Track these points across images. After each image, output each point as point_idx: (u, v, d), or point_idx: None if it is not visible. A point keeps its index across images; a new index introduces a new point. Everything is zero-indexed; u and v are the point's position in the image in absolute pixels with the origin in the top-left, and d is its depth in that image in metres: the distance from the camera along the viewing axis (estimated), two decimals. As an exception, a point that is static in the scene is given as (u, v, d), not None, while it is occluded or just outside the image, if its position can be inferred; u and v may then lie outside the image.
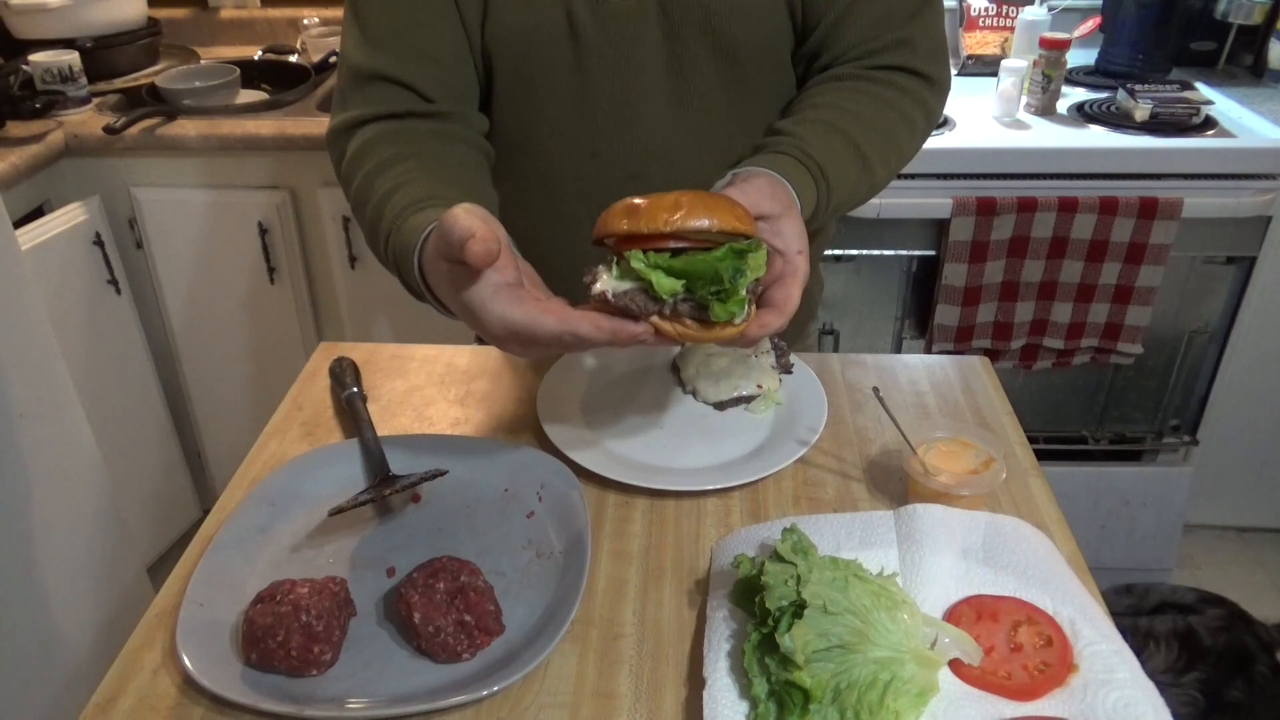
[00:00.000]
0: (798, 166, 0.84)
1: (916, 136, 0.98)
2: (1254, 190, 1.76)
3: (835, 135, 0.89)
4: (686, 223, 0.67)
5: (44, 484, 1.41)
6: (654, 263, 0.68)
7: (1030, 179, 1.77)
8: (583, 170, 1.02)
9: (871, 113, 0.92)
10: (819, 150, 0.86)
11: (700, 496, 0.88)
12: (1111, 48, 2.07)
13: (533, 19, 0.93)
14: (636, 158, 1.01)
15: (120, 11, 2.06)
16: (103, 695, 0.69)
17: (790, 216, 0.77)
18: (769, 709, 0.63)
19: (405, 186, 0.84)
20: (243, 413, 2.11)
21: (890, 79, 0.95)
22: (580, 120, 0.99)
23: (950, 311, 1.85)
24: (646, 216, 0.68)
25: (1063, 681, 0.66)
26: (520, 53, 0.96)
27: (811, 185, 0.85)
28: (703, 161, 1.02)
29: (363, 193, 0.88)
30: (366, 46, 0.95)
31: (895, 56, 0.95)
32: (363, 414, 0.94)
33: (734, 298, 0.68)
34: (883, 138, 0.92)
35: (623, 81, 0.97)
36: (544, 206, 1.04)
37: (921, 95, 0.97)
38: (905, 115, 0.95)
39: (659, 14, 0.93)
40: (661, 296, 0.68)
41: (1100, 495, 2.06)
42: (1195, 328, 1.94)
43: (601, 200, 0.98)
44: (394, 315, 2.02)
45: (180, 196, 1.88)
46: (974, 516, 0.79)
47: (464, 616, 0.70)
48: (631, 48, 0.95)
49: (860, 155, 0.90)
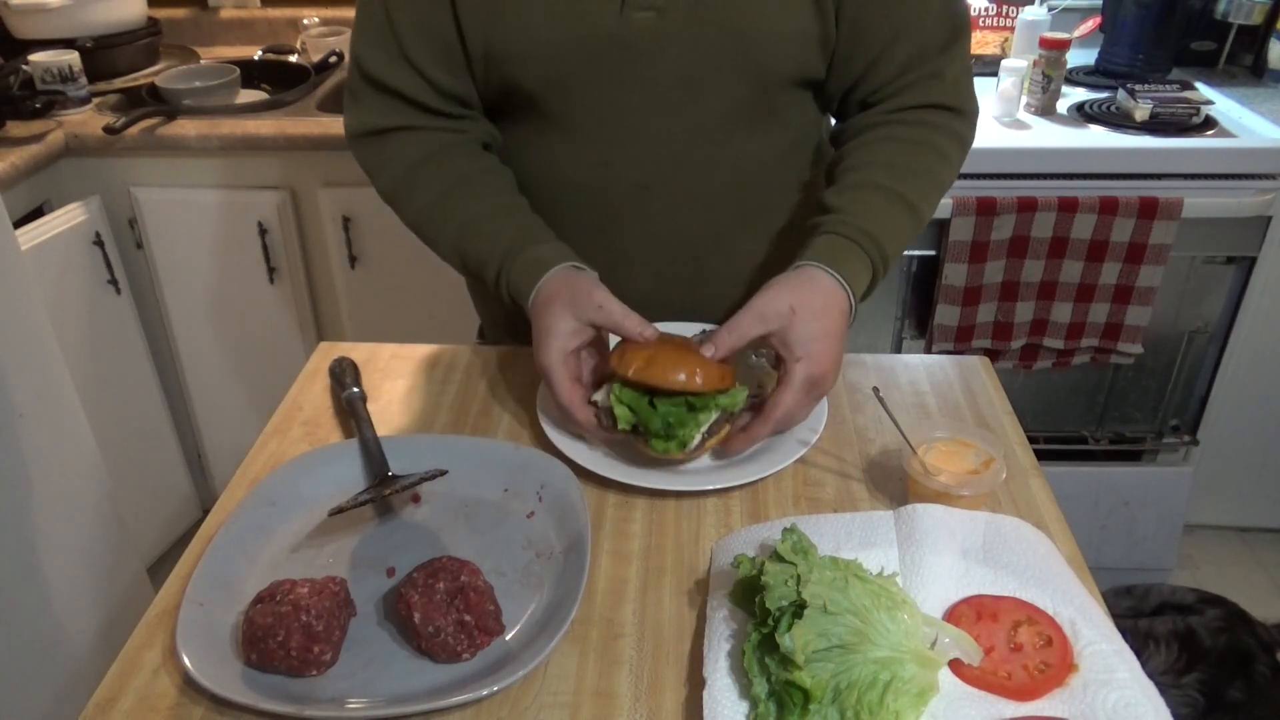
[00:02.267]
0: (847, 244, 0.92)
1: (952, 168, 1.01)
2: (1254, 190, 1.76)
3: (877, 193, 0.95)
4: (642, 376, 0.84)
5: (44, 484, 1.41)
6: (619, 397, 0.86)
7: (1030, 179, 1.76)
8: (594, 179, 1.02)
9: (908, 158, 0.97)
10: (866, 218, 0.93)
11: (700, 496, 0.88)
12: (1111, 48, 2.07)
13: (556, 32, 0.93)
14: (648, 169, 1.01)
15: (120, 11, 2.05)
16: (103, 695, 0.69)
17: (794, 323, 0.86)
18: (769, 709, 0.63)
19: (479, 231, 0.98)
20: (243, 413, 2.11)
21: (920, 118, 0.98)
22: (595, 130, 0.99)
23: (950, 311, 1.85)
24: (624, 359, 0.86)
25: (1063, 681, 0.66)
26: (540, 64, 0.95)
27: (862, 255, 0.92)
28: (713, 174, 1.02)
29: (429, 225, 1.02)
30: (374, 51, 0.99)
31: (927, 92, 0.98)
32: (363, 414, 0.94)
33: (674, 439, 0.84)
34: (923, 179, 0.97)
35: (640, 95, 0.97)
36: (553, 212, 1.03)
37: (953, 128, 0.99)
38: (940, 152, 0.99)
39: (685, 32, 0.93)
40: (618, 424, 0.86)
41: (1100, 495, 2.06)
42: (1195, 328, 1.94)
43: (611, 208, 1.02)
44: (394, 315, 2.02)
45: (180, 196, 1.88)
46: (974, 516, 0.79)
47: (464, 616, 0.70)
48: (652, 63, 0.95)
49: (906, 203, 0.95)
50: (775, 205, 1.08)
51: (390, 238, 1.91)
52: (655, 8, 0.92)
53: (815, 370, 0.86)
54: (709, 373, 0.85)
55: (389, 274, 1.96)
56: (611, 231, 1.05)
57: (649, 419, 0.85)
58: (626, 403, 0.86)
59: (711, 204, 1.04)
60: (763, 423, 0.86)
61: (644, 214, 1.04)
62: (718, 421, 0.88)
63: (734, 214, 1.06)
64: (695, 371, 0.84)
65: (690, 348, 0.88)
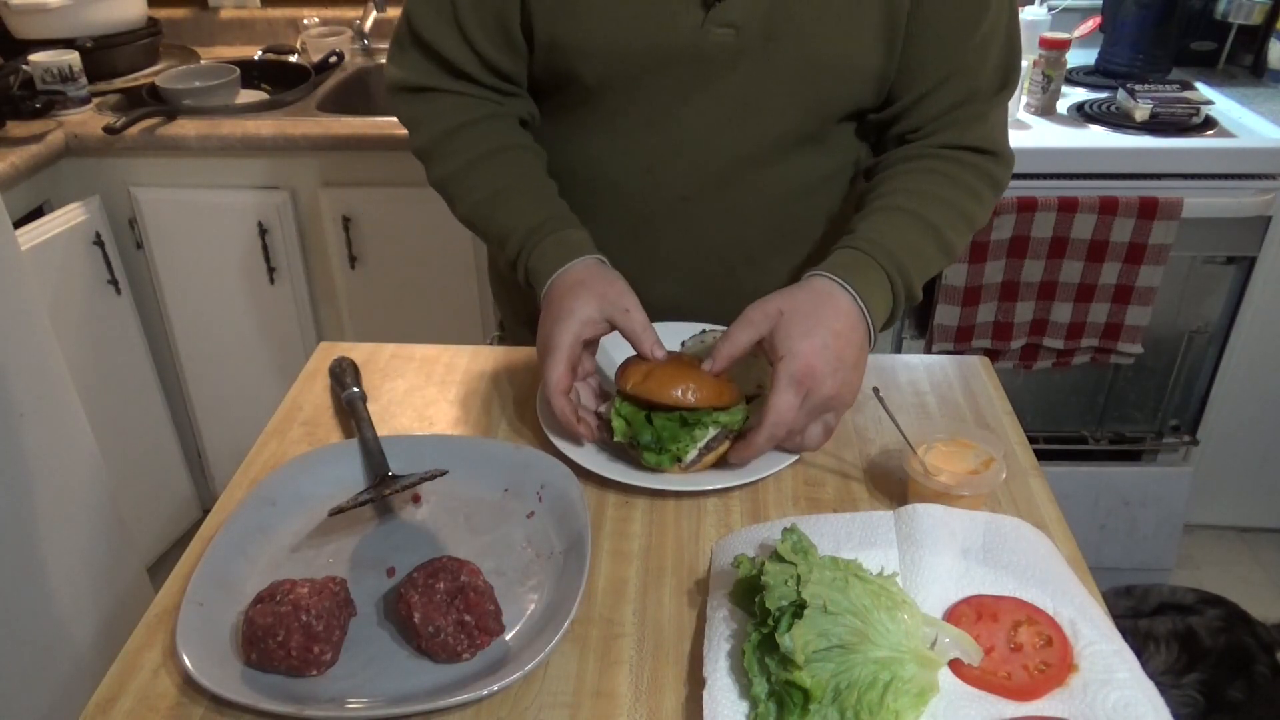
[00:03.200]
0: (862, 258, 0.90)
1: (984, 208, 1.00)
2: (1254, 190, 1.76)
3: (900, 215, 0.94)
4: (639, 390, 0.86)
5: (44, 484, 1.41)
6: (619, 410, 0.88)
7: (1030, 179, 1.76)
8: (635, 183, 1.02)
9: (938, 188, 0.96)
10: (886, 236, 0.92)
11: (700, 496, 0.88)
12: (1111, 48, 2.07)
13: (631, 34, 0.92)
14: (691, 182, 1.01)
15: (120, 11, 2.05)
16: (103, 695, 0.69)
17: (780, 323, 0.84)
18: (769, 709, 0.63)
19: (511, 201, 0.98)
20: (243, 413, 2.11)
21: (957, 157, 0.98)
22: (645, 136, 0.99)
23: (950, 311, 1.85)
24: (626, 374, 0.88)
25: (1063, 681, 0.66)
26: (607, 61, 0.95)
27: (878, 269, 0.90)
28: (754, 193, 1.02)
29: (460, 184, 1.01)
30: (426, 8, 0.98)
31: (967, 134, 0.97)
32: (363, 414, 0.94)
33: (666, 453, 0.86)
34: (951, 210, 0.96)
35: (700, 110, 0.96)
36: (589, 209, 1.02)
37: (988, 169, 0.99)
38: (972, 190, 0.98)
39: (758, 54, 0.92)
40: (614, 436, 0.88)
41: (1100, 495, 2.06)
42: (1195, 328, 1.94)
43: (649, 215, 1.02)
44: (394, 315, 2.02)
45: (180, 196, 1.88)
46: (974, 516, 0.79)
47: (464, 616, 0.70)
48: (720, 80, 0.94)
49: (930, 226, 0.94)
50: (811, 227, 1.08)
51: (390, 238, 1.91)
52: (735, 26, 0.91)
53: (797, 367, 0.81)
54: (704, 390, 0.86)
55: (389, 274, 1.96)
56: (646, 237, 1.05)
57: (641, 431, 0.87)
58: (624, 415, 0.88)
59: (748, 221, 1.04)
60: (758, 431, 0.84)
61: (680, 224, 1.04)
62: (717, 438, 0.88)
63: (770, 233, 1.06)
64: (690, 388, 0.85)
65: (691, 365, 0.89)
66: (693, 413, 0.87)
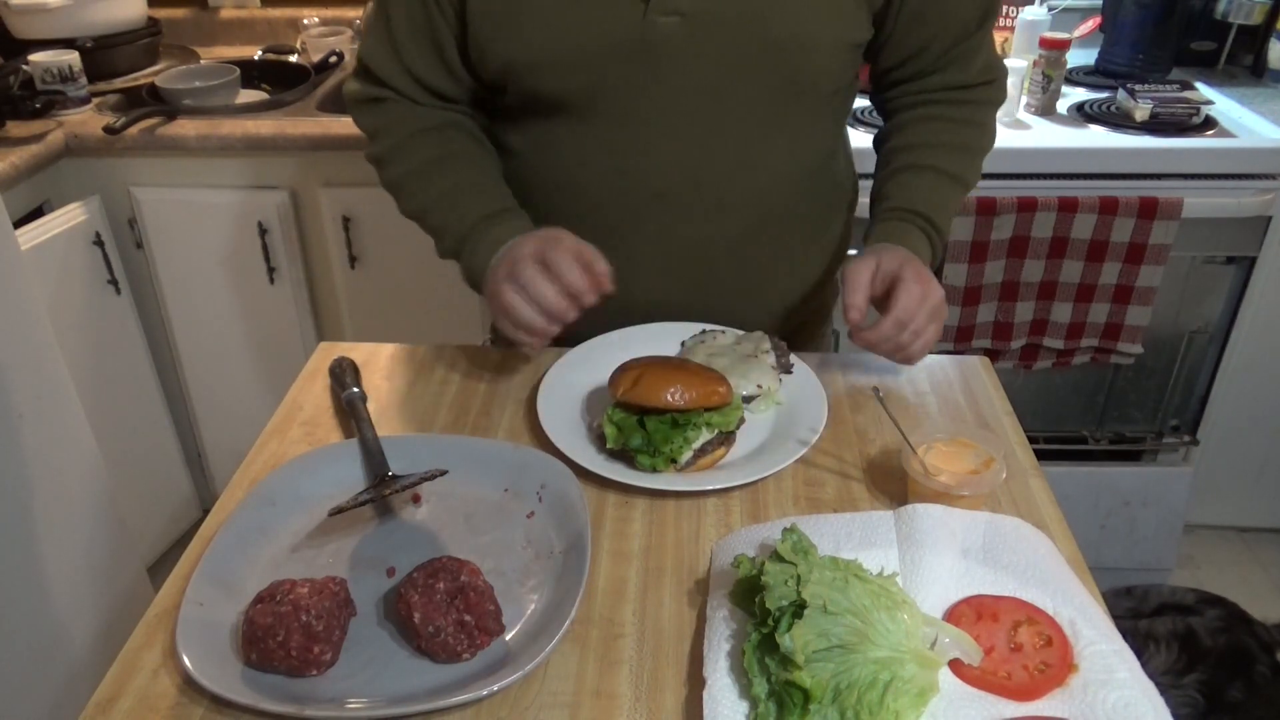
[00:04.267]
0: (905, 226, 1.02)
1: (990, 135, 1.10)
2: (1254, 190, 1.76)
3: (926, 174, 1.04)
4: (629, 396, 0.87)
5: (44, 484, 1.41)
6: (610, 417, 0.89)
7: (1030, 179, 1.76)
8: (607, 184, 1.02)
9: (951, 135, 1.06)
10: (917, 200, 1.03)
11: (700, 496, 0.88)
12: (1111, 48, 2.07)
13: (578, 39, 0.93)
14: (663, 177, 1.01)
15: (120, 11, 2.05)
16: (103, 695, 0.69)
17: (884, 263, 0.96)
18: (769, 709, 0.63)
19: (465, 198, 1.03)
20: (243, 413, 2.11)
21: (961, 97, 1.06)
22: (610, 136, 0.99)
23: (950, 311, 1.85)
24: (616, 382, 0.89)
25: (1063, 681, 0.66)
26: (561, 71, 0.96)
27: (918, 232, 1.02)
28: (730, 185, 1.02)
29: (413, 183, 1.06)
30: (376, 44, 1.03)
31: (965, 71, 1.05)
32: (363, 414, 0.94)
33: (660, 455, 0.87)
34: (965, 154, 1.07)
35: (660, 102, 0.96)
36: (564, 214, 1.03)
37: (989, 96, 1.07)
38: (979, 124, 1.08)
39: (712, 38, 0.92)
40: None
41: (1100, 495, 2.06)
42: (1195, 328, 1.94)
43: (626, 215, 1.03)
44: (394, 315, 2.02)
45: (180, 196, 1.88)
46: (974, 516, 0.79)
47: (464, 616, 0.70)
48: (675, 70, 0.94)
49: (950, 177, 1.05)
50: (790, 217, 1.08)
51: (390, 238, 1.91)
52: (680, 13, 0.91)
53: (913, 272, 0.94)
54: (694, 391, 0.87)
55: (389, 274, 1.96)
56: (624, 236, 1.05)
57: (632, 436, 0.88)
58: (615, 423, 0.89)
59: (726, 214, 1.04)
60: (885, 318, 0.93)
61: (657, 222, 1.04)
62: (713, 441, 0.89)
63: (748, 224, 1.06)
64: (678, 390, 0.87)
65: (680, 367, 0.89)
66: (684, 414, 0.87)
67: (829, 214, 1.14)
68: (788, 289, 1.14)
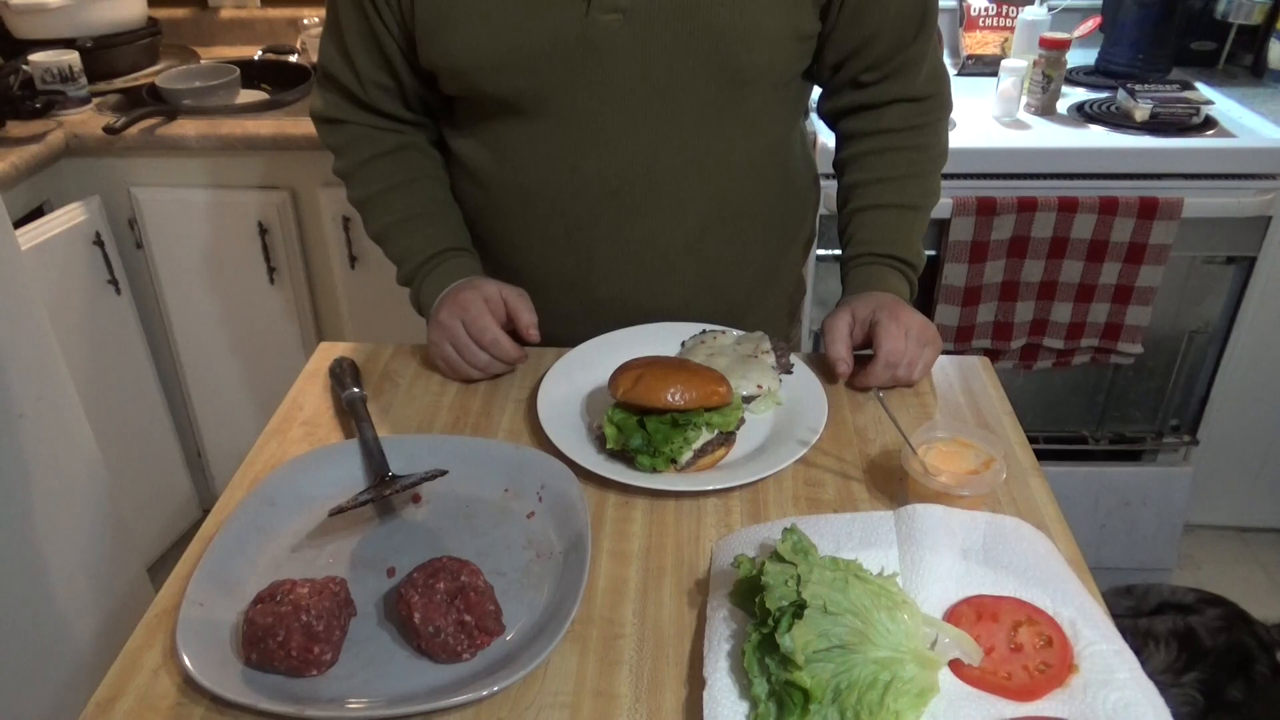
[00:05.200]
0: (881, 269, 1.06)
1: (942, 147, 1.11)
2: (1254, 190, 1.76)
3: (888, 212, 1.08)
4: (629, 396, 0.87)
5: (44, 484, 1.41)
6: (610, 418, 0.89)
7: (1030, 179, 1.76)
8: (561, 184, 1.02)
9: (904, 166, 1.08)
10: (886, 241, 1.07)
11: (700, 496, 0.88)
12: (1111, 48, 2.07)
13: (521, 38, 0.93)
14: (617, 175, 1.01)
15: (120, 11, 2.05)
16: (103, 695, 0.69)
17: (827, 330, 1.02)
18: (769, 709, 0.63)
19: (418, 228, 1.10)
20: (243, 413, 2.11)
21: (906, 120, 1.07)
22: (561, 135, 0.99)
23: (950, 311, 1.85)
24: (616, 383, 0.89)
25: (1063, 682, 0.66)
26: (505, 72, 0.96)
27: (895, 273, 1.06)
28: (683, 180, 1.02)
29: (374, 208, 1.12)
30: (329, 48, 1.05)
31: (911, 85, 1.05)
32: (363, 414, 0.94)
33: (659, 456, 0.87)
34: (921, 179, 1.09)
35: (607, 100, 0.96)
36: (521, 216, 1.04)
37: (933, 112, 1.08)
38: (930, 148, 1.10)
39: (654, 34, 0.92)
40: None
41: (1100, 495, 2.06)
42: (1195, 328, 1.94)
43: (579, 215, 1.02)
44: (394, 315, 2.02)
45: (180, 196, 1.88)
46: (974, 516, 0.79)
47: (464, 616, 0.70)
48: (619, 66, 0.94)
49: (914, 207, 1.08)
50: (746, 211, 1.08)
51: (390, 238, 1.91)
52: (621, 10, 0.91)
53: (888, 315, 0.99)
54: (694, 391, 0.87)
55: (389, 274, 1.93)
56: (579, 237, 1.05)
57: (632, 436, 0.88)
58: (616, 423, 0.89)
59: (682, 210, 1.04)
60: (875, 361, 0.98)
61: (613, 220, 1.04)
62: (713, 441, 0.89)
63: (706, 220, 1.06)
64: (678, 390, 0.87)
65: (680, 367, 0.89)
66: (684, 414, 0.87)
67: (788, 209, 1.14)
68: (750, 285, 1.14)
